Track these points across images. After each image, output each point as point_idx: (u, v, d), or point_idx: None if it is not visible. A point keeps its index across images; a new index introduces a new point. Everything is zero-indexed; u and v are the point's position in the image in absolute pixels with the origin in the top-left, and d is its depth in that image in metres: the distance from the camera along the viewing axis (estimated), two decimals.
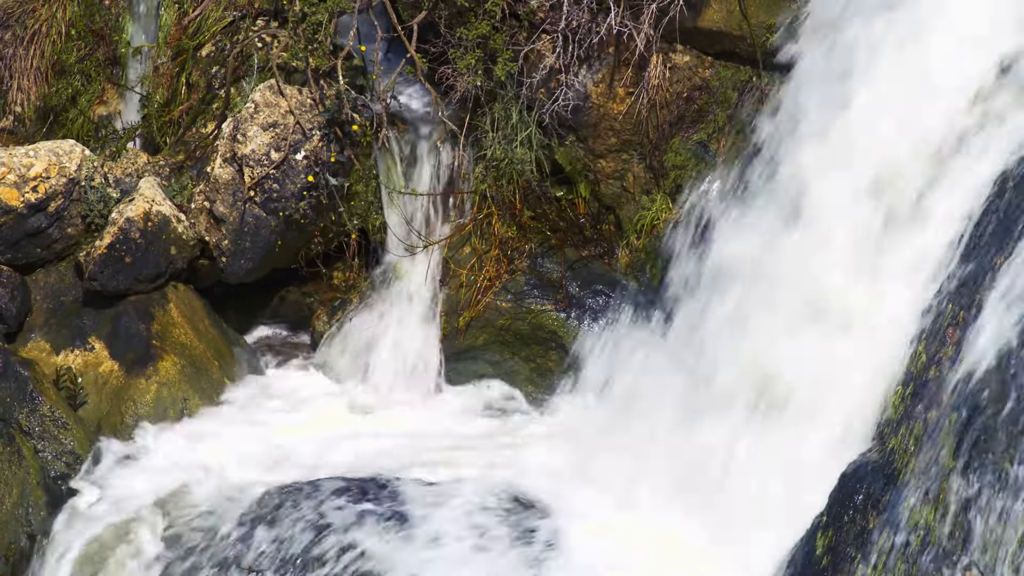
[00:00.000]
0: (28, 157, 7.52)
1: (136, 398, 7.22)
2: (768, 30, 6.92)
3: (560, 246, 7.57)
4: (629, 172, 7.46)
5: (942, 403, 4.91)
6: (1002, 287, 4.81)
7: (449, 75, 7.43)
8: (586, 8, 7.18)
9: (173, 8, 8.38)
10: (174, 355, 7.37)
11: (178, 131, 8.15)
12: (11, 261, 7.52)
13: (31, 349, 7.42)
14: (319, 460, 6.96)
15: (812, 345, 5.81)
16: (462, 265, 7.61)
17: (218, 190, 7.58)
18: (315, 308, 8.02)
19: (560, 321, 7.50)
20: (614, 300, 7.42)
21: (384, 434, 7.24)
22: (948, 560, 4.55)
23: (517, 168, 7.47)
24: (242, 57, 7.98)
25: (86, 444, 6.94)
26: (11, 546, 6.51)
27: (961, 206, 5.44)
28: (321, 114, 7.48)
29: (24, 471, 6.65)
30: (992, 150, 5.45)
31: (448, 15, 7.51)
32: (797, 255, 6.05)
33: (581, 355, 7.37)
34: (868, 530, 5.04)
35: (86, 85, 8.46)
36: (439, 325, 7.64)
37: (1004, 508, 4.41)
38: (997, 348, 4.65)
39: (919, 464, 4.88)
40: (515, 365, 7.59)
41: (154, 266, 7.47)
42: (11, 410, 6.83)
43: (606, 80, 7.33)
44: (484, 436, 7.23)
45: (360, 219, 7.72)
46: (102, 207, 7.56)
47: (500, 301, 7.55)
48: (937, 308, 5.30)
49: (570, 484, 6.48)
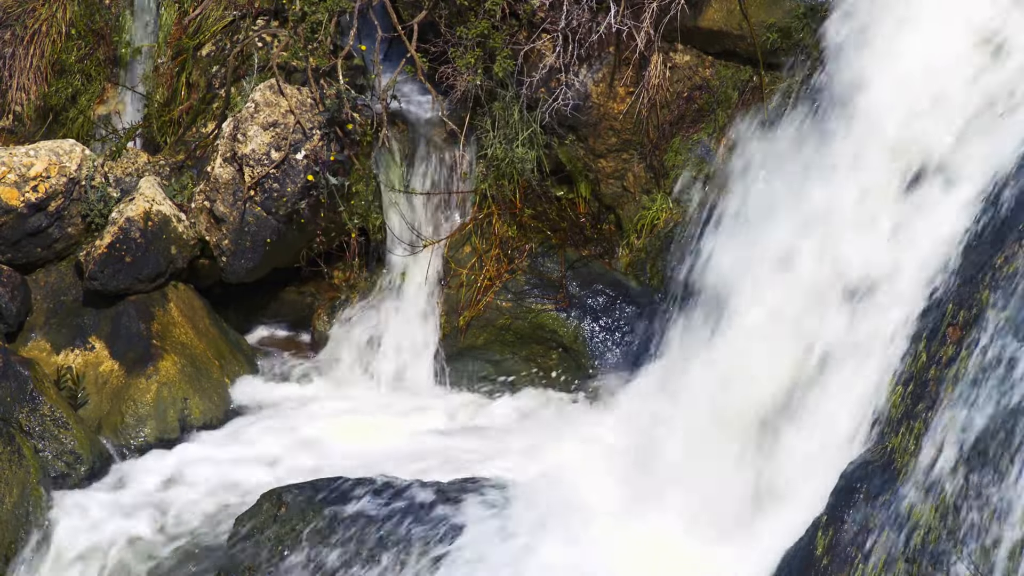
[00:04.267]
0: (28, 157, 7.52)
1: (136, 398, 7.23)
2: (768, 29, 6.92)
3: (560, 245, 7.57)
4: (629, 171, 7.46)
5: (942, 402, 4.91)
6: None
7: (449, 74, 7.43)
8: (586, 7, 7.18)
9: (173, 7, 8.38)
10: (174, 355, 7.37)
11: (178, 131, 8.15)
12: (11, 261, 7.52)
13: (31, 349, 7.42)
14: (319, 460, 6.96)
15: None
16: (462, 264, 7.61)
17: (218, 189, 7.58)
18: (315, 308, 8.02)
19: (560, 321, 7.50)
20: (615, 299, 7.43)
21: (384, 433, 7.24)
22: (948, 559, 4.55)
23: (517, 167, 7.47)
24: (242, 56, 7.98)
25: (86, 444, 6.94)
26: (11, 545, 6.50)
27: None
28: (321, 113, 7.48)
29: (24, 471, 6.65)
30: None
31: (448, 14, 7.51)
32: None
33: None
34: (868, 529, 5.03)
35: (86, 85, 8.46)
36: (439, 324, 7.64)
37: (1003, 508, 4.40)
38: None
39: (919, 464, 4.88)
40: (515, 364, 7.59)
41: (154, 266, 7.47)
42: (11, 410, 6.83)
43: (606, 79, 7.33)
44: (484, 436, 7.23)
45: (360, 218, 7.72)
46: (102, 207, 7.56)
47: (500, 300, 7.55)
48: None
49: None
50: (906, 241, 5.62)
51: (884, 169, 5.81)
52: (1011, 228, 5.01)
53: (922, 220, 5.59)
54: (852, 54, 6.17)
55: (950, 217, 5.44)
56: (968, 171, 5.48)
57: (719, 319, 6.48)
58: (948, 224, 5.43)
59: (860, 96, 5.99)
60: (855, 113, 6.02)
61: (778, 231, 6.22)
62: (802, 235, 6.08)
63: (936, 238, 5.45)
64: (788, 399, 5.92)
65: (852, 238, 5.83)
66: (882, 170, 5.81)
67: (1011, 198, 5.14)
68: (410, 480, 6.56)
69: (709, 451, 6.10)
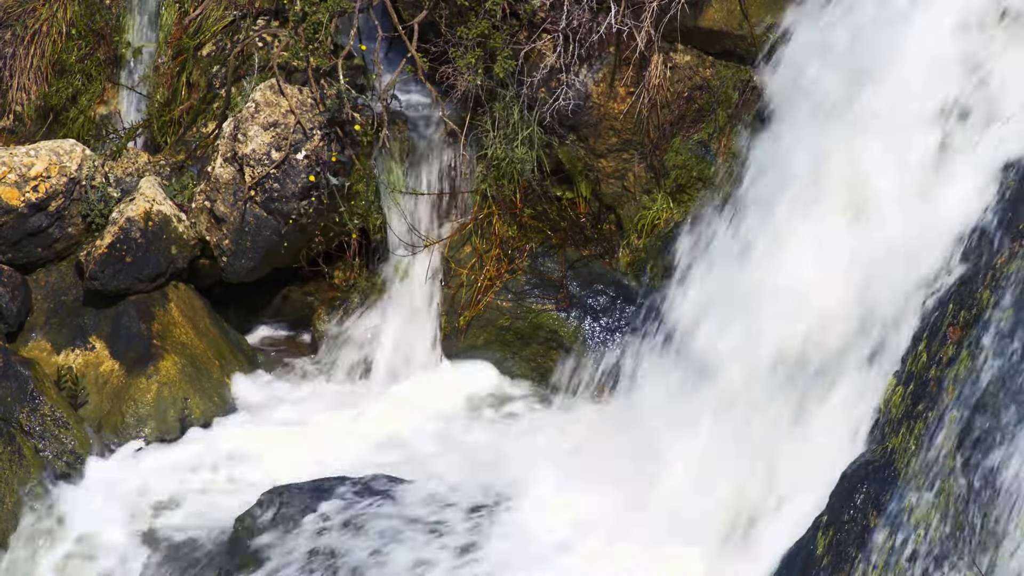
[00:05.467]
0: (29, 156, 7.52)
1: (137, 398, 7.23)
2: (768, 29, 6.92)
3: (561, 245, 7.58)
4: (630, 171, 7.46)
5: (942, 402, 4.91)
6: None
7: (450, 74, 7.44)
8: (586, 7, 7.18)
9: (174, 7, 8.38)
10: (175, 355, 7.37)
11: (179, 130, 8.16)
12: (12, 260, 7.52)
13: (32, 348, 7.42)
14: (320, 460, 6.96)
15: None
16: (463, 264, 7.61)
17: (219, 190, 7.58)
18: (316, 307, 8.02)
19: (561, 321, 7.50)
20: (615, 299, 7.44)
21: (385, 433, 7.24)
22: (948, 559, 4.55)
23: (518, 167, 7.47)
24: (243, 56, 7.98)
25: (87, 443, 6.95)
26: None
27: None
28: (322, 113, 7.48)
29: (25, 470, 6.65)
30: None
31: (449, 14, 7.52)
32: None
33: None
34: (869, 529, 5.04)
35: (87, 84, 8.46)
36: (440, 324, 7.64)
37: (1003, 507, 4.41)
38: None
39: (919, 464, 4.89)
40: (515, 365, 7.59)
41: (155, 265, 7.47)
42: (12, 409, 6.83)
43: (607, 79, 7.33)
44: (486, 436, 7.23)
45: (361, 218, 7.72)
46: (103, 207, 7.57)
47: (501, 300, 7.56)
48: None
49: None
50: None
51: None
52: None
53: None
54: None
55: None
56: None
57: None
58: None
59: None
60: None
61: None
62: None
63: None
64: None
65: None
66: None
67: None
68: (411, 480, 6.58)
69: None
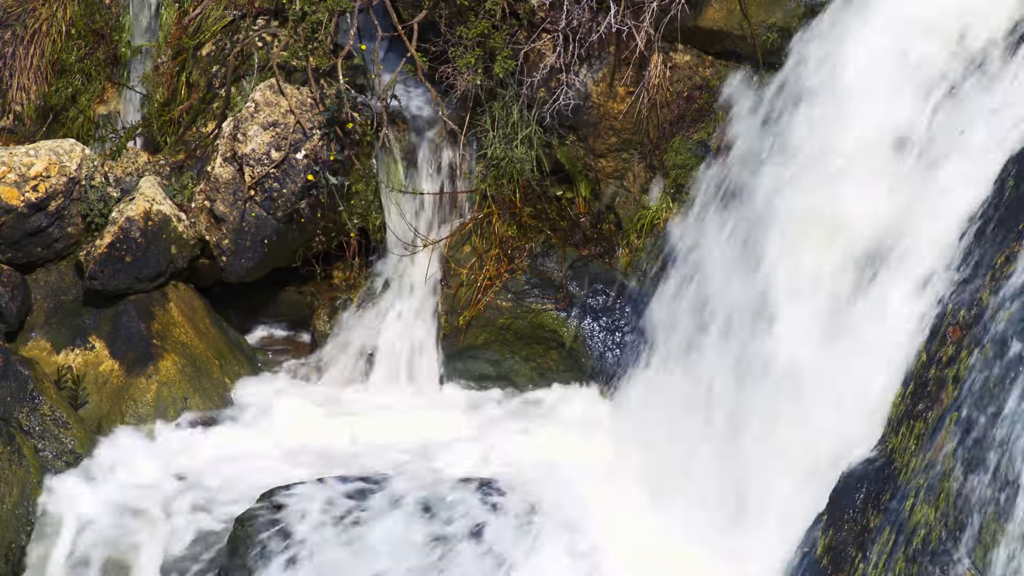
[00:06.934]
0: (28, 156, 7.52)
1: (136, 397, 7.23)
2: (768, 29, 6.92)
3: (560, 245, 7.58)
4: (629, 171, 7.47)
5: (942, 402, 4.91)
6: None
7: (449, 74, 7.44)
8: (586, 7, 7.18)
9: (173, 7, 8.38)
10: (175, 354, 7.38)
11: (178, 130, 8.16)
12: (11, 260, 7.52)
13: (31, 348, 7.42)
14: (319, 459, 6.96)
15: None
16: (462, 264, 7.61)
17: (218, 189, 7.58)
18: (315, 307, 8.03)
19: (560, 320, 7.50)
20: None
21: (385, 433, 7.24)
22: (948, 559, 4.55)
23: (517, 167, 7.47)
24: (242, 56, 7.98)
25: (86, 443, 6.95)
26: (11, 545, 6.51)
27: None
28: (321, 113, 7.49)
29: (24, 470, 6.66)
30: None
31: (448, 14, 7.51)
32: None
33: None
34: (869, 529, 5.04)
35: (86, 84, 8.46)
36: (439, 324, 7.65)
37: (1003, 507, 4.41)
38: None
39: (919, 464, 4.89)
40: (515, 364, 7.59)
41: (154, 265, 7.48)
42: (11, 409, 6.83)
43: (606, 79, 7.34)
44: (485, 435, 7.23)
45: (360, 218, 7.72)
46: (102, 206, 7.57)
47: (500, 300, 7.56)
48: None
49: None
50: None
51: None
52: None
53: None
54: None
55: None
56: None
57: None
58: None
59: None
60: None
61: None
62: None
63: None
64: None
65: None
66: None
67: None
68: (412, 476, 6.58)
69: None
